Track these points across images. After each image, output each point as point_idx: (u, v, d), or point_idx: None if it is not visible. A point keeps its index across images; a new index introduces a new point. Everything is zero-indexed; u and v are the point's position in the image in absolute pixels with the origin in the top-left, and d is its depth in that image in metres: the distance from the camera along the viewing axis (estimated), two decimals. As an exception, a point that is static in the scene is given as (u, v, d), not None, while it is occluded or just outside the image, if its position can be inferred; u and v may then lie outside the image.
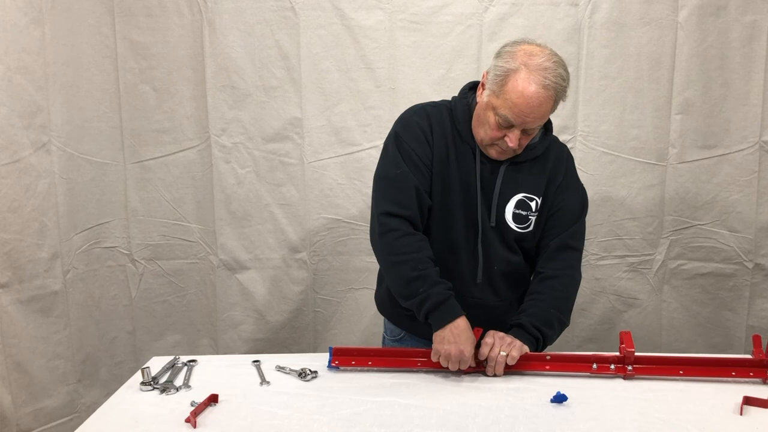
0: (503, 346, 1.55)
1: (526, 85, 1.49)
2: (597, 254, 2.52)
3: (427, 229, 1.70)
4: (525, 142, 1.60)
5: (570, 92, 2.35)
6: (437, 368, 1.58)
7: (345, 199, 2.51)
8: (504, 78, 1.52)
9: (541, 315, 1.63)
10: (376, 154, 2.45)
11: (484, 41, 2.39)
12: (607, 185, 2.47)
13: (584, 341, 2.56)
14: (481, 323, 1.61)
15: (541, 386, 1.51)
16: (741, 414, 1.37)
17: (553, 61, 1.52)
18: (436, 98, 2.24)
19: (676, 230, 2.51)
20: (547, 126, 1.71)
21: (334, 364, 1.62)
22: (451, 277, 1.65)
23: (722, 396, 1.44)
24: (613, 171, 2.45)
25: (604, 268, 2.53)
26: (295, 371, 1.60)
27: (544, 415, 1.38)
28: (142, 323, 2.61)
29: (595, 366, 1.56)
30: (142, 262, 2.58)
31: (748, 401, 1.40)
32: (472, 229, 1.68)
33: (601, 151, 2.43)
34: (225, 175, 2.51)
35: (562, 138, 2.41)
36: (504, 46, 1.58)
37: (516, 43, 1.57)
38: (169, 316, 2.63)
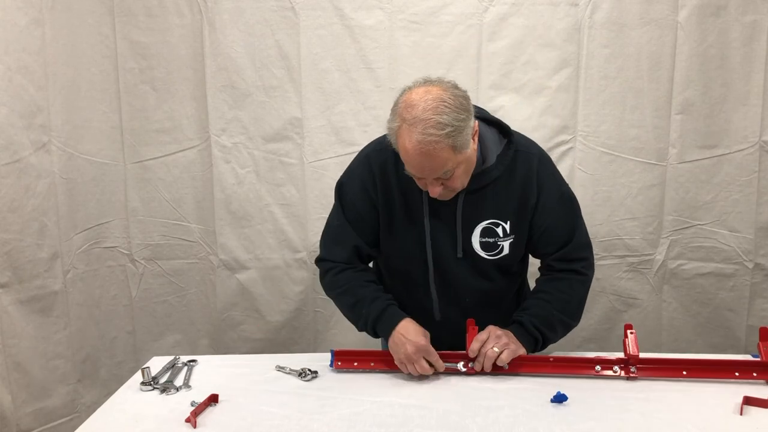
0: (497, 344, 1.54)
1: (407, 142, 1.42)
2: (597, 254, 2.50)
3: (384, 273, 1.77)
4: (456, 184, 1.50)
5: (570, 92, 2.40)
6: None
7: (345, 199, 2.51)
8: (394, 138, 1.48)
9: (543, 315, 1.61)
10: (376, 154, 2.46)
11: (484, 41, 2.39)
12: (607, 185, 2.47)
13: (584, 341, 2.56)
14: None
15: (541, 386, 1.50)
16: (741, 414, 1.37)
17: (432, 108, 1.39)
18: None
19: (676, 230, 2.51)
20: (510, 141, 1.60)
21: (336, 366, 1.61)
22: (419, 318, 1.62)
23: (722, 396, 1.44)
24: (613, 171, 2.45)
25: (604, 268, 2.53)
26: (295, 371, 1.60)
27: (544, 415, 1.38)
28: (142, 323, 2.61)
29: (598, 368, 1.55)
30: (142, 262, 2.58)
31: (749, 401, 1.40)
32: (422, 267, 1.66)
33: (601, 151, 2.43)
34: (225, 175, 2.51)
35: (561, 138, 2.43)
36: (399, 96, 1.49)
37: (405, 91, 1.48)
38: (169, 316, 2.63)
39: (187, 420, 1.36)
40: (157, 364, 1.65)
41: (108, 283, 2.54)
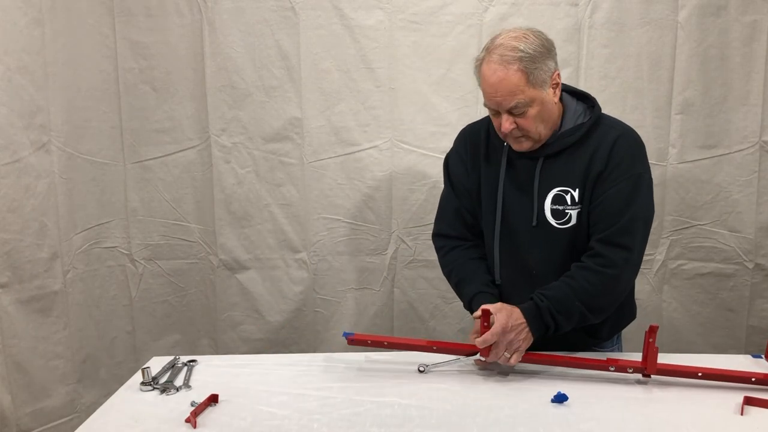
0: (508, 349, 1.52)
1: (486, 68, 1.54)
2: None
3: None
4: (528, 124, 1.55)
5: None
6: (453, 350, 1.60)
7: (345, 199, 2.51)
8: (477, 71, 1.58)
9: (563, 303, 1.55)
10: (376, 154, 2.47)
11: (484, 41, 2.33)
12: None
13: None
14: None
15: (542, 386, 1.50)
16: (742, 414, 1.37)
17: (512, 37, 1.53)
18: (436, 98, 2.25)
19: (676, 230, 2.51)
20: (592, 104, 1.66)
21: (349, 340, 1.61)
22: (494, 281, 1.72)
23: (723, 396, 1.44)
24: (613, 171, 2.45)
25: (604, 268, 2.53)
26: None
27: (544, 414, 1.38)
28: (141, 323, 2.61)
29: (612, 369, 1.53)
30: (142, 262, 2.58)
31: (749, 401, 1.40)
32: (491, 232, 1.70)
33: (601, 151, 2.43)
34: (225, 175, 2.51)
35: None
36: None
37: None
38: (169, 316, 2.63)
39: (187, 420, 1.35)
40: (156, 364, 1.65)
41: (108, 284, 2.54)
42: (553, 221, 1.63)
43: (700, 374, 1.50)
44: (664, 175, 2.45)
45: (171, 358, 1.69)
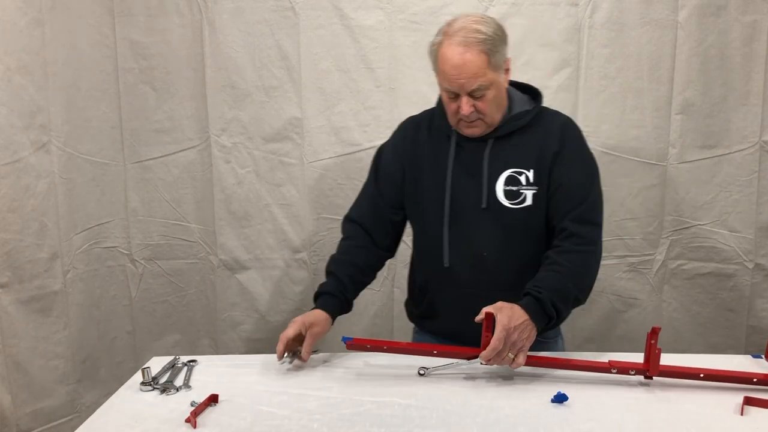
0: (512, 350, 1.49)
1: (446, 50, 1.55)
2: (597, 254, 2.52)
3: (412, 232, 1.83)
4: (486, 108, 1.59)
5: (570, 92, 2.40)
6: (454, 354, 1.58)
7: (345, 199, 2.50)
8: (435, 54, 1.59)
9: (561, 289, 1.55)
10: (376, 154, 2.46)
11: (484, 41, 2.38)
12: (607, 185, 2.43)
13: (584, 341, 2.56)
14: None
15: (542, 386, 1.50)
16: (742, 414, 1.37)
17: (472, 21, 1.56)
18: (436, 98, 2.24)
19: (676, 230, 2.51)
20: (536, 95, 1.72)
21: (348, 345, 1.60)
22: (435, 270, 1.71)
23: (723, 396, 1.44)
24: (613, 171, 2.45)
25: (604, 268, 2.52)
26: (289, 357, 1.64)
27: (544, 414, 1.38)
28: (141, 323, 2.61)
29: (614, 371, 1.52)
30: (142, 262, 2.58)
31: (749, 401, 1.40)
32: (439, 214, 1.69)
33: (601, 151, 2.42)
34: (225, 175, 2.51)
35: (562, 138, 2.42)
36: None
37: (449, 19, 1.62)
38: (169, 316, 2.63)
39: (187, 420, 1.35)
40: (157, 364, 1.65)
41: (108, 284, 2.54)
42: (506, 202, 1.65)
43: (702, 375, 1.49)
44: (664, 175, 2.45)
45: (171, 358, 1.68)
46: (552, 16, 2.36)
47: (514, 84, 1.73)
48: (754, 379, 1.49)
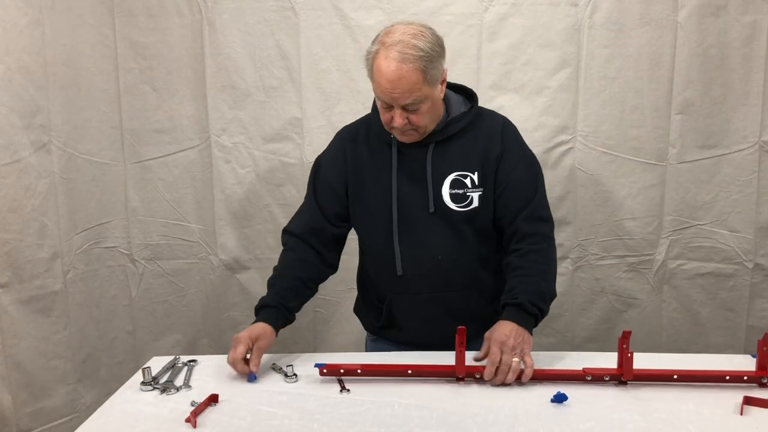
0: (515, 354, 1.50)
1: (382, 63, 1.53)
2: (597, 254, 2.52)
3: (359, 242, 1.84)
4: (419, 120, 1.59)
5: (570, 92, 2.40)
6: (429, 374, 1.55)
7: (345, 199, 2.51)
8: (370, 62, 1.57)
9: (534, 290, 1.60)
10: (376, 154, 2.46)
11: (484, 41, 2.38)
12: (607, 185, 2.47)
13: (584, 341, 2.56)
14: (449, 319, 1.61)
15: (542, 386, 1.50)
16: (741, 414, 1.37)
17: (410, 34, 1.52)
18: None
19: (675, 230, 2.51)
20: (471, 97, 1.72)
21: (321, 372, 1.56)
22: (389, 279, 1.72)
23: (723, 396, 1.44)
24: (613, 171, 2.45)
25: (604, 268, 2.53)
26: (283, 371, 1.60)
27: (544, 414, 1.38)
28: (142, 323, 2.61)
29: (589, 378, 1.51)
30: (142, 262, 2.58)
31: (749, 401, 1.40)
32: (388, 223, 1.69)
33: (601, 151, 2.43)
34: (225, 175, 2.51)
35: (561, 138, 2.43)
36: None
37: (388, 26, 1.60)
38: (169, 316, 2.63)
39: (187, 420, 1.36)
40: (157, 364, 1.65)
41: (108, 284, 2.54)
42: (452, 205, 1.67)
43: (675, 377, 1.50)
44: (664, 175, 2.45)
45: (171, 358, 1.69)
46: (552, 16, 2.36)
47: (449, 85, 1.71)
48: (745, 377, 1.50)
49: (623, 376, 1.50)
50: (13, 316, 2.12)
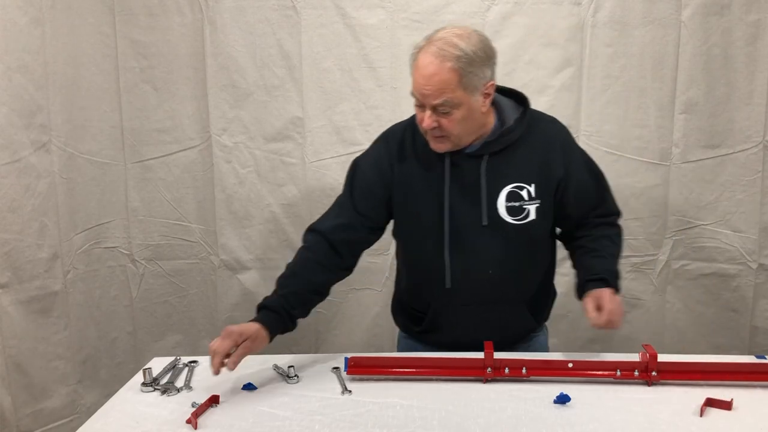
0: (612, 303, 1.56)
1: (423, 58, 1.49)
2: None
3: (402, 251, 1.79)
4: (450, 126, 1.51)
5: (573, 91, 2.39)
6: (456, 376, 1.55)
7: (346, 199, 2.50)
8: (413, 58, 1.53)
9: (612, 269, 1.65)
10: (377, 154, 2.45)
11: (486, 40, 2.37)
12: (610, 185, 2.45)
13: (588, 342, 2.55)
14: (495, 328, 1.63)
15: (544, 387, 1.49)
16: (701, 416, 1.36)
17: (455, 34, 1.48)
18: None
19: (679, 230, 2.50)
20: (523, 101, 1.65)
21: (350, 374, 1.56)
22: (437, 291, 1.66)
23: (725, 396, 1.43)
24: (617, 171, 2.43)
25: (607, 268, 2.52)
26: (284, 372, 1.59)
27: (546, 416, 1.37)
28: (142, 324, 2.61)
29: (618, 373, 1.51)
30: (143, 262, 2.57)
31: (711, 403, 1.39)
32: (439, 235, 1.63)
33: (605, 151, 2.42)
34: (226, 175, 2.50)
35: (564, 137, 2.42)
36: None
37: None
38: (169, 317, 2.62)
39: (188, 421, 1.35)
40: (157, 364, 1.64)
41: (108, 284, 2.53)
42: (509, 218, 1.61)
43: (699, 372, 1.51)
44: (668, 174, 2.44)
45: (172, 358, 1.68)
46: (555, 15, 2.36)
47: (499, 89, 1.64)
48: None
49: (649, 366, 1.49)
50: (13, 317, 2.12)
